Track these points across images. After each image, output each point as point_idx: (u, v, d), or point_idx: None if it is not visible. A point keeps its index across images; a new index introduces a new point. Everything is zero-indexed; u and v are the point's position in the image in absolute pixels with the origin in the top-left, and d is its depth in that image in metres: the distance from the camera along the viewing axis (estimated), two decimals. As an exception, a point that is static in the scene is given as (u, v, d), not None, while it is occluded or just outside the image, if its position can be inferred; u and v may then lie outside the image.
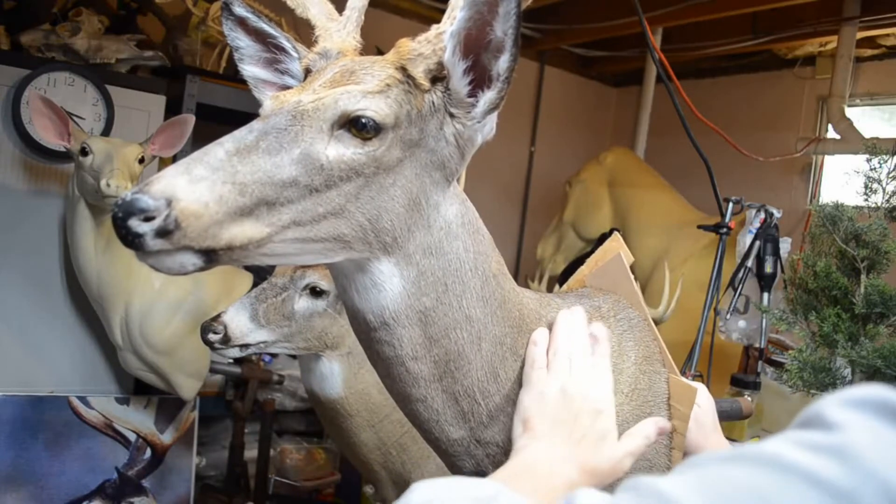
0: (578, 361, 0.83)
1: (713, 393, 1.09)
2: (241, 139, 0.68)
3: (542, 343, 0.85)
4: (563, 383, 0.80)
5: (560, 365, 0.82)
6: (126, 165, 1.64)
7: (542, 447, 0.75)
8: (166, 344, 1.86)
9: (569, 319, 0.87)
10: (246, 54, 0.90)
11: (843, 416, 0.43)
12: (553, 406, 0.79)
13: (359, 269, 0.77)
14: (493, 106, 0.75)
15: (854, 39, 2.98)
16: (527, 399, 0.81)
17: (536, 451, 0.75)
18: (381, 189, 0.73)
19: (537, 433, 0.77)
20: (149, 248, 0.61)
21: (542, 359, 0.83)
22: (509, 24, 0.69)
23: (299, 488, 2.30)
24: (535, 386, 0.81)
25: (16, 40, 2.01)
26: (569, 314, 0.88)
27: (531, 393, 0.81)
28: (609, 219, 3.16)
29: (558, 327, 0.86)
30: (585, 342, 0.85)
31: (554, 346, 0.84)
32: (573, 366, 0.82)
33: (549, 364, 0.83)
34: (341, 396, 1.49)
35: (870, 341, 1.50)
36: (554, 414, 0.78)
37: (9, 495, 1.84)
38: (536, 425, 0.77)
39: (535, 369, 0.82)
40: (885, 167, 1.63)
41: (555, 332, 0.86)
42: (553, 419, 0.78)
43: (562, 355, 0.83)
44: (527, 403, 0.80)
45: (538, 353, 0.84)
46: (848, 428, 0.42)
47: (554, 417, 0.78)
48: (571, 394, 0.80)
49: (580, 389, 0.80)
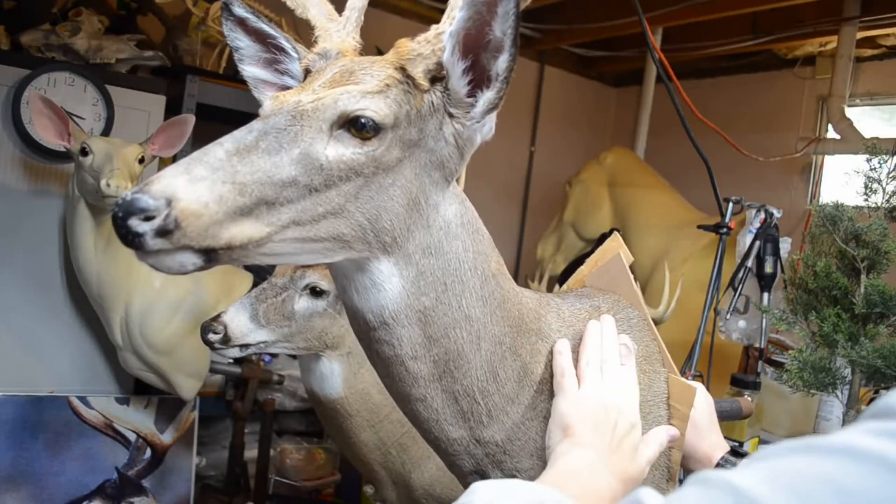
0: (610, 371, 0.86)
1: (713, 393, 1.09)
2: (240, 139, 0.68)
3: (566, 352, 0.87)
4: (600, 392, 0.83)
5: (593, 374, 0.85)
6: (126, 165, 1.64)
7: (585, 453, 0.77)
8: (166, 344, 1.86)
9: (600, 328, 0.90)
10: (246, 55, 0.90)
11: None
12: (592, 414, 0.81)
13: (358, 269, 0.77)
14: (492, 106, 0.75)
15: (854, 39, 2.98)
16: (564, 406, 0.82)
17: (580, 457, 0.77)
18: (380, 189, 0.73)
19: (580, 439, 0.79)
20: (149, 247, 0.61)
21: (570, 367, 0.86)
22: (508, 24, 0.69)
23: (299, 488, 2.30)
24: (570, 394, 0.83)
25: (16, 40, 2.01)
26: (600, 323, 0.90)
27: (567, 400, 0.83)
28: (609, 219, 3.16)
29: (590, 335, 0.89)
30: (616, 352, 0.88)
31: (586, 355, 0.87)
32: (605, 375, 0.85)
33: (581, 372, 0.85)
34: (341, 396, 1.49)
35: (870, 341, 1.50)
36: (594, 421, 0.81)
37: (9, 495, 1.84)
38: (578, 431, 0.80)
39: (567, 377, 0.85)
40: (885, 167, 1.63)
41: (586, 341, 0.88)
42: (593, 426, 0.80)
43: (594, 364, 0.86)
44: (564, 410, 0.82)
45: (566, 362, 0.86)
46: None
47: (594, 425, 0.80)
48: (608, 403, 0.82)
49: (615, 399, 0.83)
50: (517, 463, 0.87)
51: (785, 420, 2.07)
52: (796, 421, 2.08)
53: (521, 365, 0.85)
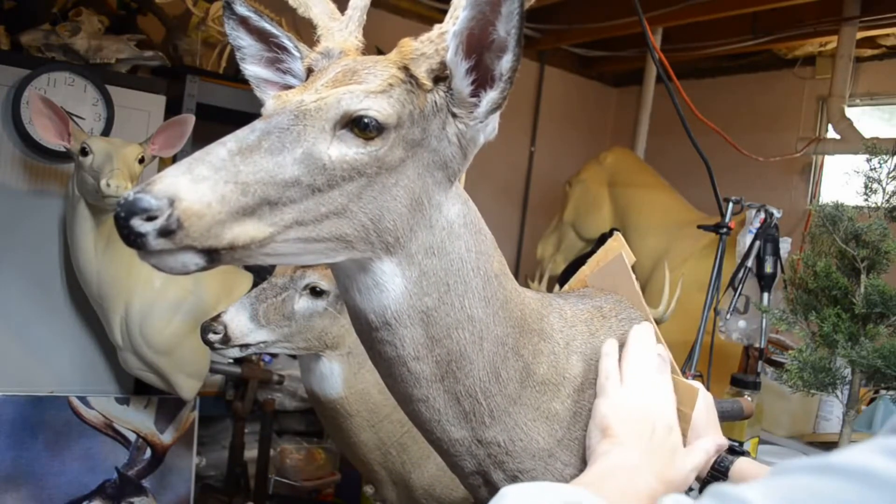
0: (651, 378, 0.88)
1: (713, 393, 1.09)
2: (243, 139, 0.68)
3: (614, 355, 0.89)
4: (640, 397, 0.85)
5: (634, 378, 0.87)
6: (126, 165, 1.64)
7: (624, 454, 0.79)
8: (166, 344, 1.86)
9: (643, 336, 0.92)
10: (248, 54, 0.89)
11: None
12: (633, 416, 0.83)
13: (361, 269, 0.77)
14: (495, 106, 0.75)
15: (854, 39, 2.98)
16: (604, 408, 0.84)
17: (620, 457, 0.78)
18: (383, 189, 0.73)
19: (620, 440, 0.80)
20: (151, 247, 0.61)
21: (616, 371, 0.88)
22: (512, 24, 0.69)
23: (299, 488, 2.30)
24: (611, 396, 0.85)
25: (16, 40, 2.01)
26: (642, 331, 0.93)
27: (609, 402, 0.85)
28: (609, 219, 3.16)
29: (633, 342, 0.91)
30: (655, 359, 0.90)
31: (627, 360, 0.89)
32: (646, 381, 0.87)
33: (624, 376, 0.87)
34: (341, 396, 1.49)
35: (870, 341, 1.50)
36: (634, 424, 0.82)
37: (9, 495, 1.83)
38: (618, 432, 0.81)
39: (611, 380, 0.87)
40: (885, 167, 1.63)
41: (629, 347, 0.90)
42: (633, 428, 0.82)
43: (636, 370, 0.88)
44: (605, 412, 0.84)
45: (612, 364, 0.88)
46: None
47: (634, 427, 0.82)
48: (648, 407, 0.84)
49: (654, 404, 0.86)
50: (519, 464, 0.87)
51: (785, 420, 2.07)
52: (796, 421, 2.08)
53: (523, 365, 0.85)
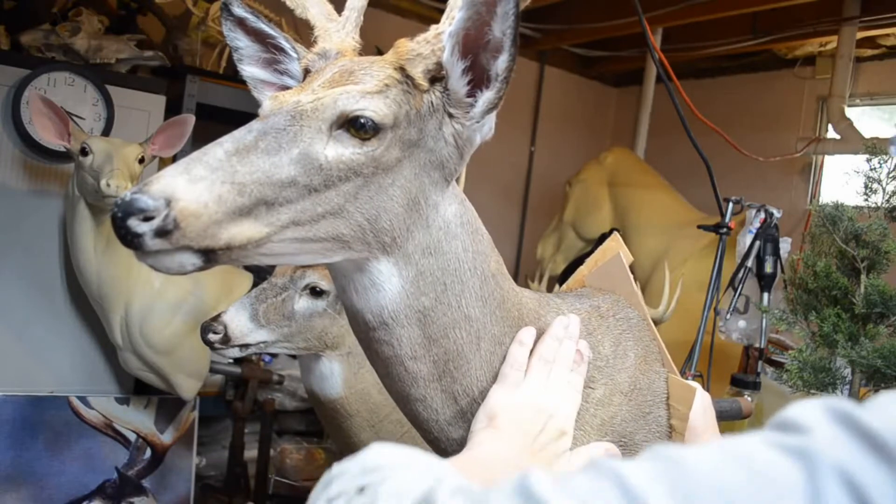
0: (557, 373, 0.84)
1: (713, 393, 1.09)
2: (240, 139, 0.68)
3: (528, 344, 0.85)
4: (538, 394, 0.81)
5: (539, 372, 0.83)
6: (126, 165, 1.64)
7: (501, 446, 0.76)
8: (166, 344, 1.86)
9: (562, 328, 0.87)
10: (245, 55, 0.90)
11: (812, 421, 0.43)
12: (523, 413, 0.79)
13: (358, 269, 0.77)
14: (491, 106, 0.75)
15: (854, 39, 2.98)
16: (498, 395, 0.81)
17: (496, 448, 0.75)
18: (379, 189, 0.73)
19: (501, 433, 0.77)
20: (148, 247, 0.61)
21: (522, 360, 0.84)
22: (508, 24, 0.69)
23: (299, 488, 2.30)
24: (509, 385, 0.82)
25: (16, 40, 2.02)
26: (564, 322, 0.88)
27: (504, 391, 0.81)
28: (609, 219, 3.16)
29: (549, 333, 0.86)
30: (571, 355, 0.86)
31: (540, 351, 0.85)
32: (551, 376, 0.83)
33: (530, 368, 0.83)
34: (341, 396, 1.49)
35: (870, 341, 1.50)
36: (522, 420, 0.79)
37: (9, 495, 1.84)
38: (502, 425, 0.78)
39: (514, 370, 0.83)
40: (885, 167, 1.63)
41: (545, 338, 0.86)
42: (519, 425, 0.78)
43: (544, 363, 0.84)
44: (496, 400, 0.80)
45: (521, 353, 0.84)
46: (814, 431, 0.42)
47: (521, 424, 0.78)
48: (543, 407, 0.80)
49: (553, 403, 0.81)
50: (517, 463, 0.87)
51: (785, 420, 2.06)
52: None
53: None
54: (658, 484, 0.40)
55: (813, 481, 0.39)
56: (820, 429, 0.41)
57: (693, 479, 0.40)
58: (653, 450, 0.44)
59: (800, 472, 0.39)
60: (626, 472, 0.41)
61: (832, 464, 0.39)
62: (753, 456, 0.41)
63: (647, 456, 0.43)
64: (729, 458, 0.41)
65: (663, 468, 0.41)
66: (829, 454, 0.40)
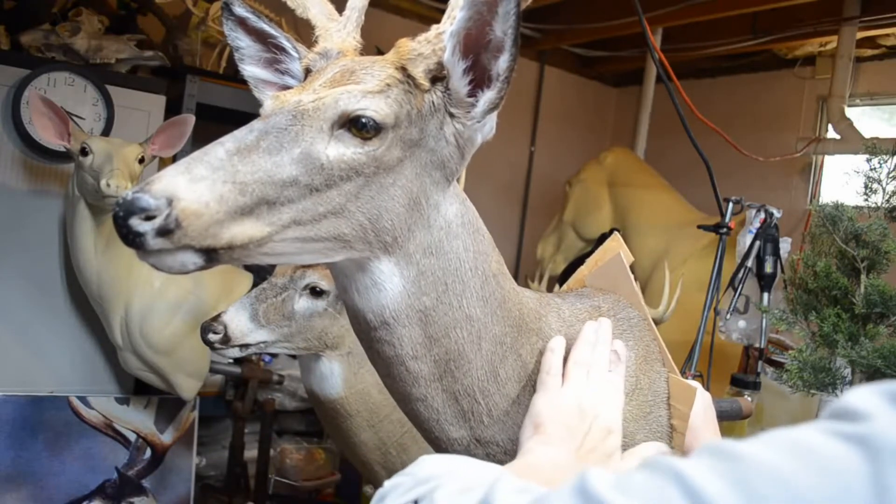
0: (596, 376, 0.84)
1: (713, 393, 1.09)
2: (241, 139, 0.68)
3: (560, 351, 0.86)
4: (580, 396, 0.82)
5: (578, 376, 0.84)
6: (126, 165, 1.64)
7: (552, 452, 0.76)
8: (166, 344, 1.86)
9: (593, 332, 0.88)
10: (246, 54, 0.90)
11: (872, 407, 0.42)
12: (568, 416, 0.80)
13: (359, 269, 0.77)
14: (492, 106, 0.75)
15: (854, 39, 2.98)
16: (541, 403, 0.81)
17: (546, 455, 0.76)
18: (381, 189, 0.73)
19: (550, 438, 0.78)
20: (150, 247, 0.61)
21: (558, 366, 0.84)
22: (509, 24, 0.69)
23: (299, 488, 2.30)
24: (550, 392, 0.82)
25: (16, 40, 2.02)
26: (594, 326, 0.89)
27: (546, 398, 0.82)
28: (609, 219, 3.16)
29: (583, 337, 0.87)
30: (606, 357, 0.87)
31: (575, 356, 0.85)
32: (590, 379, 0.84)
33: (567, 373, 0.84)
34: (341, 396, 1.49)
35: (870, 341, 1.50)
36: (568, 423, 0.79)
37: (9, 495, 1.84)
38: (549, 430, 0.78)
39: (552, 376, 0.83)
40: (885, 167, 1.63)
41: (579, 342, 0.87)
42: (566, 428, 0.79)
43: (581, 366, 0.84)
44: (540, 408, 0.81)
45: (555, 360, 0.85)
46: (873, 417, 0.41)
47: (567, 427, 0.79)
48: (586, 408, 0.81)
49: (595, 405, 0.82)
50: (518, 463, 0.87)
51: (785, 420, 2.07)
52: (796, 421, 2.06)
53: (521, 365, 0.85)
54: (720, 480, 0.40)
55: (875, 468, 0.39)
56: (879, 414, 0.41)
57: (754, 473, 0.40)
58: (708, 445, 0.44)
59: (862, 459, 0.39)
60: (685, 469, 0.41)
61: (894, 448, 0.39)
62: (813, 446, 0.41)
63: (703, 452, 0.43)
64: (788, 449, 0.41)
65: (723, 464, 0.41)
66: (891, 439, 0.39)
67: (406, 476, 0.52)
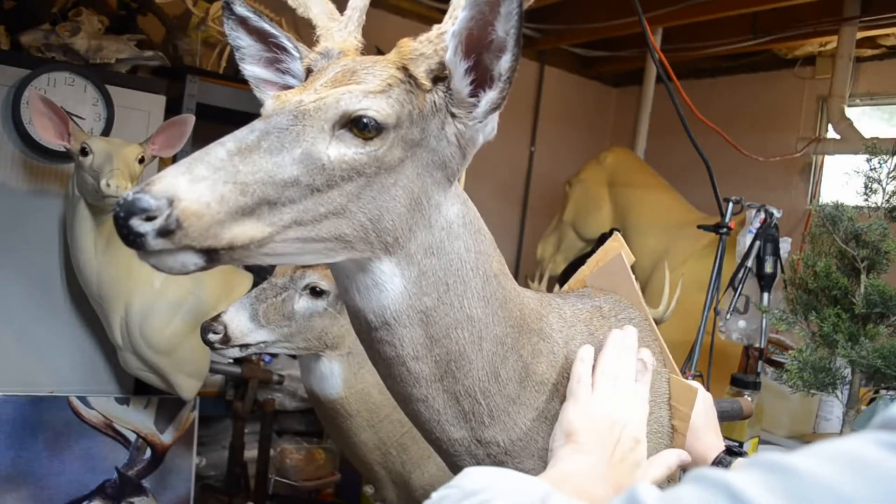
0: (623, 385, 0.85)
1: (713, 393, 1.09)
2: (242, 139, 0.68)
3: (589, 360, 0.87)
4: (609, 405, 0.83)
5: (605, 386, 0.85)
6: (126, 165, 1.64)
7: (585, 460, 0.77)
8: (166, 344, 1.86)
9: (621, 340, 0.89)
10: (247, 54, 0.89)
11: None
12: (598, 424, 0.81)
13: (360, 269, 0.77)
14: (494, 106, 0.75)
15: (854, 39, 2.98)
16: (572, 412, 0.82)
17: (579, 464, 0.76)
18: (382, 189, 0.73)
19: (582, 447, 0.78)
20: (150, 247, 0.61)
21: (588, 376, 0.85)
22: (511, 24, 0.69)
23: (299, 488, 2.30)
24: (580, 401, 0.83)
25: (16, 40, 2.01)
26: (620, 335, 0.90)
27: (576, 407, 0.83)
28: (609, 219, 3.16)
29: (609, 346, 0.88)
30: (633, 366, 0.88)
31: (602, 365, 0.86)
32: (617, 389, 0.85)
33: (596, 382, 0.85)
34: (341, 396, 1.49)
35: (870, 341, 1.50)
36: (598, 432, 0.80)
37: (9, 495, 1.83)
38: (582, 439, 0.79)
39: (582, 385, 0.85)
40: (885, 167, 1.63)
41: (605, 351, 0.88)
42: (597, 437, 0.80)
43: (609, 376, 0.85)
44: (571, 417, 0.82)
45: (584, 370, 0.86)
46: None
47: (598, 435, 0.80)
48: (616, 417, 0.82)
49: (624, 414, 0.83)
50: (519, 464, 0.87)
51: (785, 420, 2.07)
52: (796, 421, 2.08)
53: (522, 365, 0.85)
54: (772, 494, 0.39)
55: None
56: None
57: (808, 486, 0.39)
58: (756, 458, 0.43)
59: None
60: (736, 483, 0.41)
61: None
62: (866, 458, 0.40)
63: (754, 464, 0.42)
64: (841, 461, 0.40)
65: (775, 477, 0.40)
66: None
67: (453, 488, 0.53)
